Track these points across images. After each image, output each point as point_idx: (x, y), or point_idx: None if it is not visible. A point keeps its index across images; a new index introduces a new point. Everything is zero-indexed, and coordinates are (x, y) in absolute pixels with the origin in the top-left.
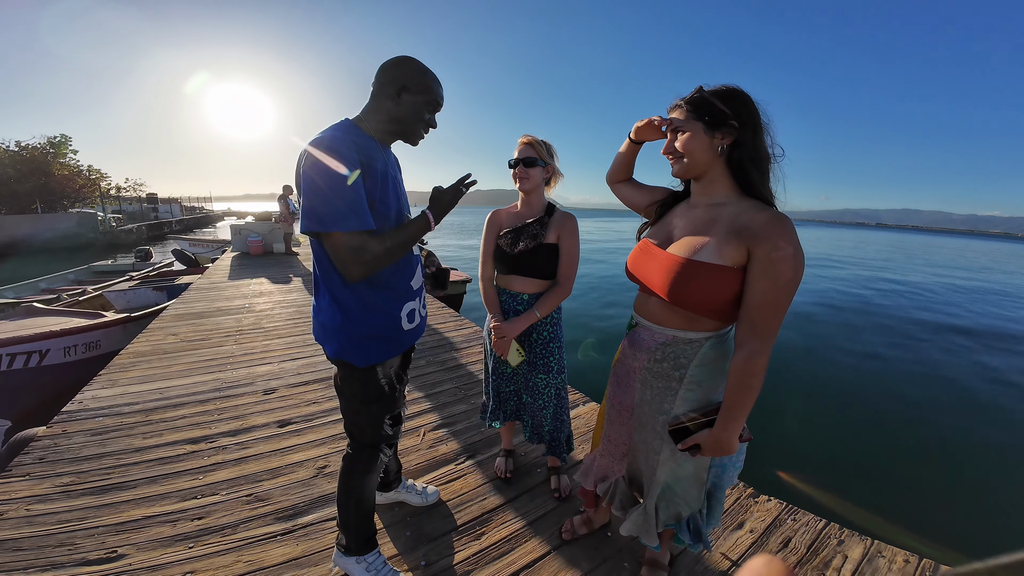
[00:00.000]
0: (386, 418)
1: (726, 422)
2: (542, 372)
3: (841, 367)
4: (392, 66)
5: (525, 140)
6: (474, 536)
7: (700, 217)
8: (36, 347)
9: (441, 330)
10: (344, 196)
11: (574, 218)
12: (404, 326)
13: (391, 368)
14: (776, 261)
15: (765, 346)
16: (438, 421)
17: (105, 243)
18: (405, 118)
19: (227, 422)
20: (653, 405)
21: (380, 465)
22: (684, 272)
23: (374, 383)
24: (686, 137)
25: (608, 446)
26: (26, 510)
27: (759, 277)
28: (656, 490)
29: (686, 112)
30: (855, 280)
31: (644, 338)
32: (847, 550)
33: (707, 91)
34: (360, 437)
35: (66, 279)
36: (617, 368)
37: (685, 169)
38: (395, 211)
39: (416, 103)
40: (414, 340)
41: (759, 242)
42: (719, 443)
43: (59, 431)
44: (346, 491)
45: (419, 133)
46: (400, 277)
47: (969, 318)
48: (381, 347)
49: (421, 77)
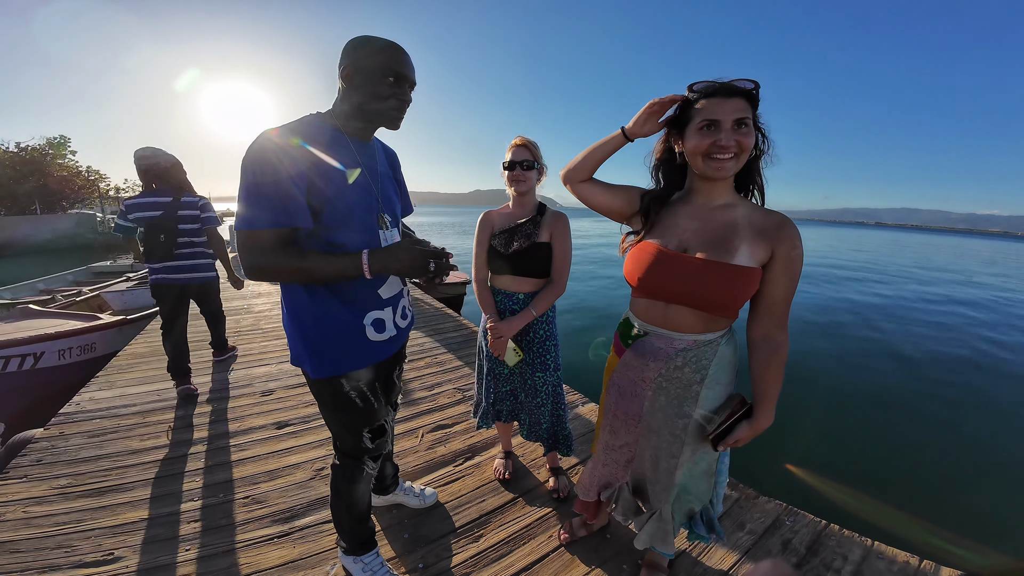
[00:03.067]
0: (364, 431)
1: (767, 410)
2: (539, 370)
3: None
4: (345, 50)
5: (520, 142)
6: (472, 538)
7: (717, 220)
8: (30, 350)
9: (440, 331)
10: (253, 194)
11: (566, 217)
12: (370, 336)
13: (359, 381)
14: (794, 259)
15: (786, 335)
16: (436, 422)
17: (104, 244)
18: (367, 102)
19: (225, 423)
20: (670, 410)
21: (366, 477)
22: (726, 277)
23: (340, 394)
24: (748, 133)
25: (610, 454)
26: (23, 512)
27: (781, 274)
28: (672, 493)
29: (750, 105)
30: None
31: (659, 346)
32: (847, 551)
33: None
34: (341, 446)
35: (65, 280)
36: (617, 379)
37: (735, 170)
38: (364, 211)
39: (374, 83)
40: (389, 352)
41: (780, 242)
42: (759, 430)
43: (56, 433)
44: (336, 498)
45: (390, 115)
46: (360, 284)
47: None
48: (340, 358)
49: (376, 54)
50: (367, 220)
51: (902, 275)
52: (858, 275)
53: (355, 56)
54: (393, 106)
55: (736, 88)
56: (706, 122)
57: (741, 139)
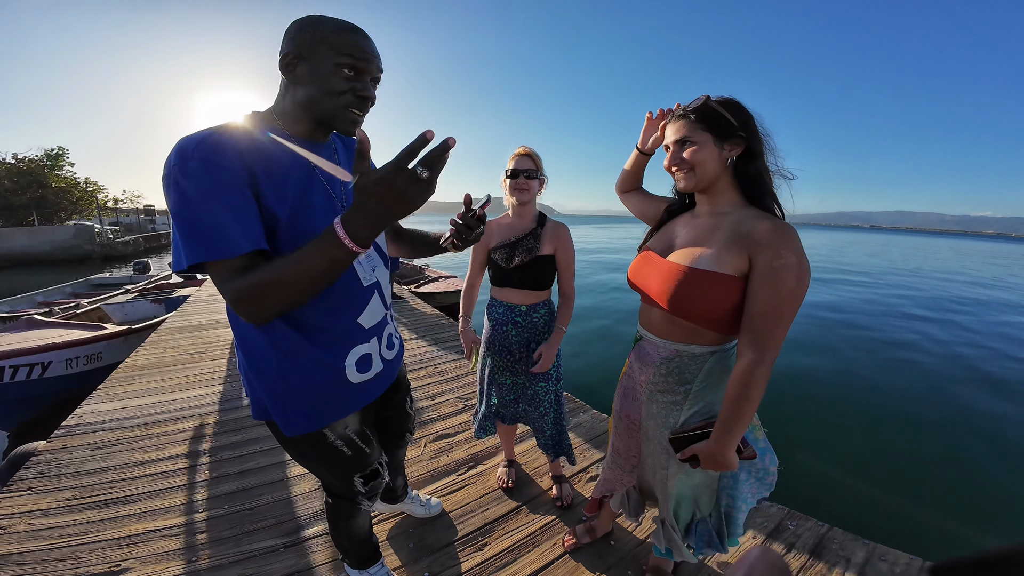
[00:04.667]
0: (354, 476)
1: (721, 434)
2: (542, 380)
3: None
4: (287, 33)
5: (524, 151)
6: (477, 547)
7: (702, 226)
8: (38, 359)
9: (441, 340)
10: (197, 219)
11: (566, 227)
12: (352, 378)
13: (346, 428)
14: (779, 270)
15: (765, 357)
16: (439, 432)
17: (102, 255)
18: (315, 99)
19: (228, 435)
20: (658, 420)
21: (364, 512)
22: (683, 280)
23: (323, 444)
24: (695, 148)
25: (616, 458)
26: (29, 524)
27: (761, 286)
28: (671, 504)
29: (693, 123)
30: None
31: (649, 352)
32: (850, 554)
33: (713, 101)
34: (331, 489)
35: (63, 292)
36: (624, 381)
37: (694, 182)
38: (327, 222)
39: (324, 75)
40: (378, 391)
41: (761, 250)
42: (714, 456)
43: (59, 445)
44: (335, 530)
45: (343, 114)
46: (336, 312)
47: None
48: (317, 410)
49: (327, 38)
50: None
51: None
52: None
53: (299, 40)
54: (349, 103)
55: (679, 112)
56: (666, 144)
57: (687, 156)
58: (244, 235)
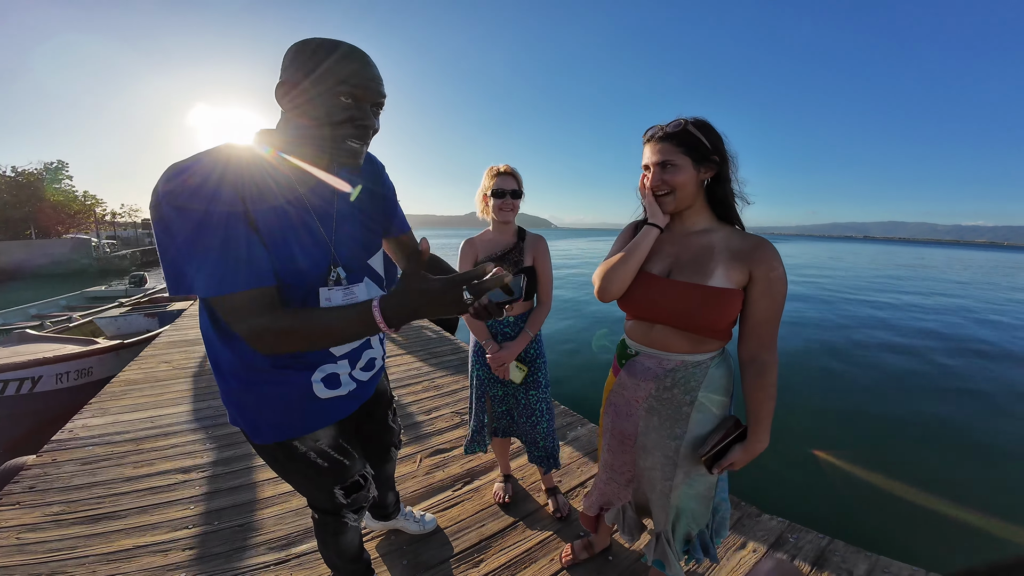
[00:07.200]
0: (334, 488)
1: (761, 432)
2: (532, 388)
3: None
4: (285, 59)
5: (506, 170)
6: (472, 563)
7: (694, 244)
8: (28, 374)
9: (436, 354)
10: (211, 249)
11: (544, 240)
12: (320, 394)
13: (318, 441)
14: (774, 280)
15: (774, 356)
16: (435, 447)
17: (99, 269)
18: (308, 127)
19: (220, 450)
20: (662, 431)
21: (351, 528)
22: (702, 298)
23: (296, 456)
24: (676, 171)
25: (611, 474)
26: (17, 538)
27: (761, 296)
28: (671, 516)
29: (674, 146)
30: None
31: (649, 366)
32: (852, 566)
33: (690, 124)
34: (314, 503)
35: (58, 305)
36: (614, 398)
37: (674, 205)
38: (310, 265)
39: (323, 103)
40: (351, 408)
41: (757, 264)
42: (754, 453)
43: (49, 460)
44: (324, 547)
45: (346, 148)
46: None
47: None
48: (285, 422)
49: (326, 63)
50: (310, 275)
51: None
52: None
53: (296, 66)
54: (348, 135)
55: (657, 135)
56: (645, 166)
57: (668, 178)
58: (253, 269)
